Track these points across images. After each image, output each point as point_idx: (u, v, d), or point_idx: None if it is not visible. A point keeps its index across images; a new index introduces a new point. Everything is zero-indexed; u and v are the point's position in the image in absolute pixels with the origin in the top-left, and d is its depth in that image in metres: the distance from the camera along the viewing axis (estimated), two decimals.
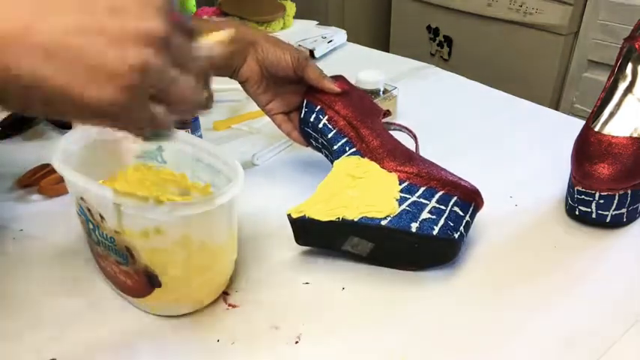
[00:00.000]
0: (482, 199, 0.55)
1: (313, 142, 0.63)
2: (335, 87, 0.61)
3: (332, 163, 0.60)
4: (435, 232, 0.50)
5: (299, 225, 0.52)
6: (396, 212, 0.51)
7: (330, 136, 0.59)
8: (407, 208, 0.51)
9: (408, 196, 0.52)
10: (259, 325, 0.48)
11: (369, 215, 0.50)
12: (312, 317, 0.49)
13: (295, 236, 0.54)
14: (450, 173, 0.55)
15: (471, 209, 0.53)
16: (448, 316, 0.50)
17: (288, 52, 0.61)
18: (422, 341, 0.47)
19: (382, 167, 0.55)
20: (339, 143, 0.58)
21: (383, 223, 0.50)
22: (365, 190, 0.53)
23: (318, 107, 0.61)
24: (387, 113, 0.63)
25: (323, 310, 0.50)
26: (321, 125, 0.60)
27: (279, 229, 0.59)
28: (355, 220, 0.50)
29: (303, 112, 0.62)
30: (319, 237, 0.54)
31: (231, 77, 0.62)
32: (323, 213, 0.51)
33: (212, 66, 0.51)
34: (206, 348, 0.46)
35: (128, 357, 0.46)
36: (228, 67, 0.61)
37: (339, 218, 0.51)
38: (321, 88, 0.61)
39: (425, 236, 0.50)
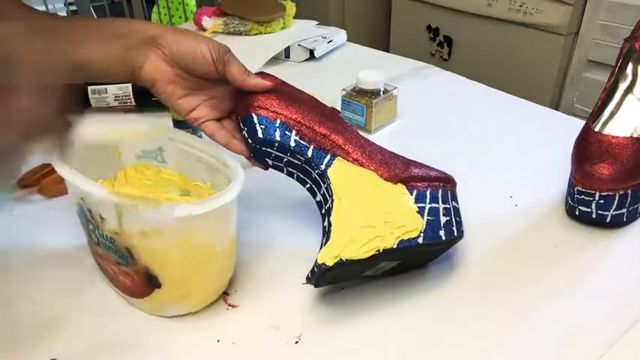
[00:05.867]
0: (454, 181, 0.54)
1: (270, 162, 0.54)
2: (264, 81, 0.52)
3: (302, 182, 0.55)
4: (455, 234, 0.50)
5: (333, 270, 0.47)
6: (424, 225, 0.49)
7: (310, 154, 0.51)
8: (429, 217, 0.49)
9: (422, 205, 0.50)
10: (259, 325, 0.48)
11: (405, 237, 0.48)
12: (312, 317, 0.49)
13: (317, 282, 0.48)
14: (427, 165, 0.53)
15: (456, 194, 0.54)
16: (448, 316, 0.50)
17: (204, 43, 0.50)
18: (422, 341, 0.47)
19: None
20: (324, 161, 0.51)
21: (420, 240, 0.48)
22: (387, 211, 0.49)
23: (279, 121, 0.51)
24: (336, 111, 0.57)
25: (323, 310, 0.50)
26: (292, 144, 0.51)
27: (279, 229, 0.59)
28: (394, 247, 0.47)
29: (260, 130, 0.51)
30: (348, 273, 0.50)
31: (133, 81, 0.51)
32: (360, 250, 0.47)
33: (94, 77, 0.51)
34: (206, 348, 0.46)
35: (128, 357, 0.46)
36: (122, 67, 0.50)
37: (378, 250, 0.47)
38: (248, 87, 0.51)
39: (450, 240, 0.50)
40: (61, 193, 0.64)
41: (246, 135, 0.52)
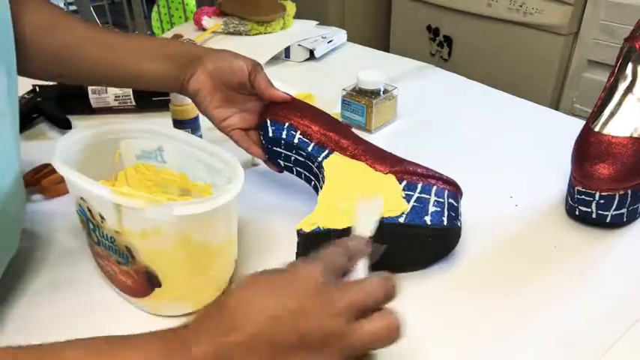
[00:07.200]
0: (460, 189, 0.56)
1: (282, 162, 0.60)
2: (284, 94, 0.59)
3: (307, 180, 0.59)
4: (445, 223, 0.51)
5: (312, 239, 0.49)
6: (408, 209, 0.51)
7: (310, 149, 0.56)
8: (415, 204, 0.51)
9: (411, 193, 0.52)
10: None
11: (386, 215, 0.49)
12: None
13: (302, 254, 0.51)
14: (430, 168, 0.55)
15: (459, 199, 0.55)
16: (448, 316, 0.50)
17: (241, 58, 0.59)
18: (421, 340, 0.47)
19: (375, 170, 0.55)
20: (322, 154, 0.56)
21: (401, 220, 0.50)
22: (371, 192, 0.52)
23: (287, 124, 0.58)
24: (349, 127, 0.62)
25: None
26: (296, 141, 0.57)
27: (279, 229, 0.59)
28: None
29: (270, 131, 0.58)
30: None
31: (180, 93, 0.61)
32: (337, 221, 0.49)
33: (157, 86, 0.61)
34: None
35: None
36: (175, 81, 0.59)
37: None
38: (269, 96, 0.59)
39: (437, 228, 0.50)
40: (61, 193, 0.64)
41: (262, 138, 0.59)
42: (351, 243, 0.39)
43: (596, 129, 0.59)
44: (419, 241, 0.52)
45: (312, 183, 0.58)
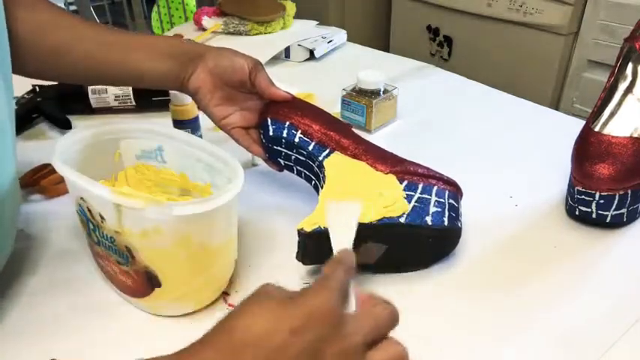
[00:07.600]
0: (461, 189, 0.56)
1: (282, 161, 0.60)
2: (285, 93, 0.59)
3: (308, 179, 0.59)
4: (445, 224, 0.51)
5: (313, 239, 0.49)
6: (409, 209, 0.51)
7: (310, 148, 0.56)
8: (416, 204, 0.51)
9: (411, 193, 0.52)
10: None
11: (387, 215, 0.50)
12: None
13: (302, 254, 0.51)
14: (430, 168, 0.56)
15: (460, 200, 0.55)
16: (448, 316, 0.50)
17: (242, 56, 0.59)
18: (421, 341, 0.47)
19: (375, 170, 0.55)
20: (323, 154, 0.56)
21: (402, 220, 0.50)
22: (372, 192, 0.52)
23: (288, 123, 0.58)
24: (350, 126, 0.62)
25: None
26: (296, 140, 0.57)
27: (279, 229, 0.59)
28: (374, 222, 0.49)
29: (271, 130, 0.58)
30: (330, 250, 0.52)
31: (180, 90, 0.60)
32: None
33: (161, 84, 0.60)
34: None
35: (128, 357, 0.46)
36: (175, 79, 0.58)
37: (357, 223, 0.48)
38: (270, 95, 0.59)
39: (438, 228, 0.51)
40: (61, 193, 0.64)
41: (262, 136, 0.59)
42: (346, 260, 0.37)
43: (596, 129, 0.59)
44: (420, 241, 0.52)
45: (313, 182, 0.58)
